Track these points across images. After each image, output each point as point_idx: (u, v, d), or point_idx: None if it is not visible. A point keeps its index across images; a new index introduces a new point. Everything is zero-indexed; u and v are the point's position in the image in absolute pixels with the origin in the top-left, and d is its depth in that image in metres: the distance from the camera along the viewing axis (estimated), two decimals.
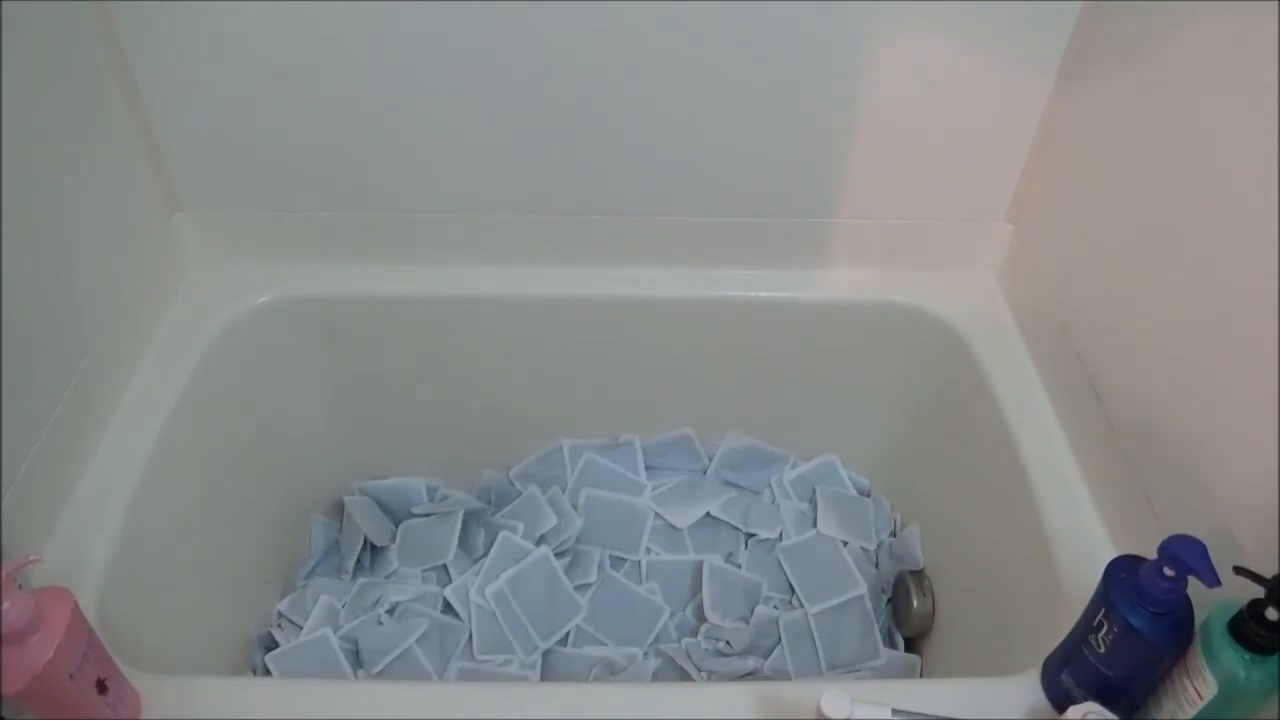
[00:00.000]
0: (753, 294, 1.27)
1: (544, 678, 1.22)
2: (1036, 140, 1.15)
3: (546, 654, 1.24)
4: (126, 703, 0.78)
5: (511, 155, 1.15)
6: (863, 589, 1.26)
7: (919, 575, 1.28)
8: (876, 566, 1.33)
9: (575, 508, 1.34)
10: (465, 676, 1.20)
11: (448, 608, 1.26)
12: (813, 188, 1.19)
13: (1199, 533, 0.70)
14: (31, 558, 0.71)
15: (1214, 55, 0.84)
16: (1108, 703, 0.71)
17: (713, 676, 1.20)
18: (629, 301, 1.26)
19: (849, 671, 1.21)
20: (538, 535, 1.31)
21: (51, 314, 0.95)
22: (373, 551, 1.35)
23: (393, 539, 1.34)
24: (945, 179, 1.19)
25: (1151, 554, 0.71)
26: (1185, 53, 0.88)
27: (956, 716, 0.70)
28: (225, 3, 1.02)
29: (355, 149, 1.14)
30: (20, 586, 0.70)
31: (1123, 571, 0.74)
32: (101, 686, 0.74)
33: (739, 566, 1.31)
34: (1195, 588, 0.69)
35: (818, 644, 1.22)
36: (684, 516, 1.35)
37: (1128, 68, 0.98)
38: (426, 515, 1.35)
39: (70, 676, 0.70)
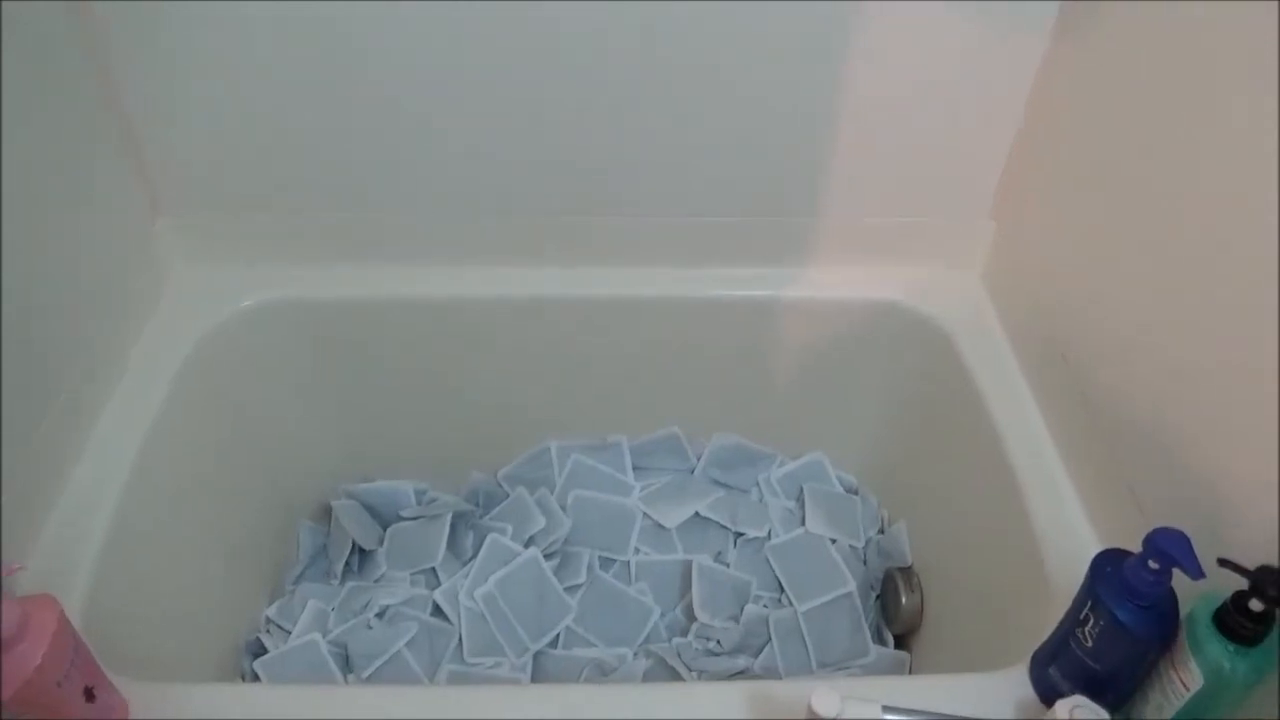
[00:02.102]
0: (737, 293, 1.27)
1: (535, 679, 1.21)
2: (1019, 138, 1.15)
3: (537, 656, 1.23)
4: (114, 710, 0.77)
5: (503, 156, 1.15)
6: (851, 586, 1.27)
7: (907, 572, 1.28)
8: (865, 564, 1.33)
9: (564, 509, 1.34)
10: (456, 679, 1.19)
11: (437, 611, 1.26)
12: (796, 187, 1.19)
13: (1184, 526, 0.70)
14: (16, 566, 0.71)
15: (1195, 53, 0.85)
16: (1095, 696, 0.71)
17: (703, 676, 1.20)
18: (613, 302, 1.26)
19: (839, 669, 1.21)
20: (526, 537, 1.31)
21: (34, 320, 0.94)
22: (361, 555, 1.34)
23: (381, 542, 1.34)
24: (929, 177, 1.19)
25: (1137, 548, 0.72)
26: (1165, 52, 0.89)
27: (946, 712, 0.70)
28: (210, 3, 1.01)
29: (343, 150, 1.14)
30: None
31: (1108, 565, 0.74)
32: (89, 694, 0.73)
33: (728, 565, 1.32)
34: (1180, 580, 0.70)
35: (807, 642, 1.22)
36: (672, 516, 1.35)
37: (1109, 67, 0.98)
38: (414, 518, 1.35)
39: (58, 684, 0.69)
